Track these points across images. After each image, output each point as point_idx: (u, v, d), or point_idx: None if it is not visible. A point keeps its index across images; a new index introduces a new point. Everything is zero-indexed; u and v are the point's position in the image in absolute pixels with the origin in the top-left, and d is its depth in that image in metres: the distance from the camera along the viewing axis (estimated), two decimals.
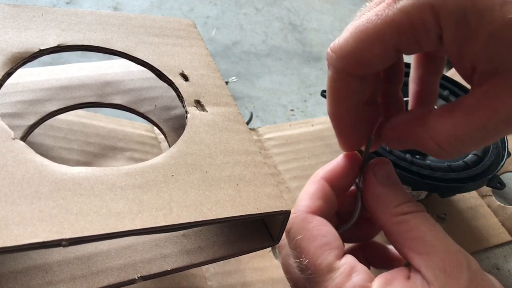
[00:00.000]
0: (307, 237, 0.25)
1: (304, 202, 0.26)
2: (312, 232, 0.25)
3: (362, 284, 0.23)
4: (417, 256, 0.23)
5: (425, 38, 0.21)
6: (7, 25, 0.29)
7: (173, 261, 0.25)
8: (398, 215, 0.25)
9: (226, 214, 0.23)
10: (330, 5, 0.82)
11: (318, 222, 0.26)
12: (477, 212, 0.49)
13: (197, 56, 0.34)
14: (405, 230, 0.24)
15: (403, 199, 0.25)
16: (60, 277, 0.23)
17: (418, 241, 0.24)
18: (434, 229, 0.24)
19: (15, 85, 0.34)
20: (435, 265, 0.22)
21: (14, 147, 0.22)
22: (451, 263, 0.22)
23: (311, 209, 0.26)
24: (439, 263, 0.22)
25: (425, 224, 0.24)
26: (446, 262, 0.22)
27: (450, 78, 0.51)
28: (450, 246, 0.23)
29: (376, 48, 0.21)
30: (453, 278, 0.22)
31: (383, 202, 0.26)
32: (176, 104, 0.36)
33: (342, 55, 0.22)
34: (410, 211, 0.25)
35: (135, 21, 0.34)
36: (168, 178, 0.23)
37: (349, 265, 0.24)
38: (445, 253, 0.23)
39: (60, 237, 0.18)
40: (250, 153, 0.27)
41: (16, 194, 0.19)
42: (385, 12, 0.20)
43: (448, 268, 0.22)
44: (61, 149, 0.41)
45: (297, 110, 0.60)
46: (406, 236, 0.24)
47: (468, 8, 0.19)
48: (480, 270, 0.23)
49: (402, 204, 0.25)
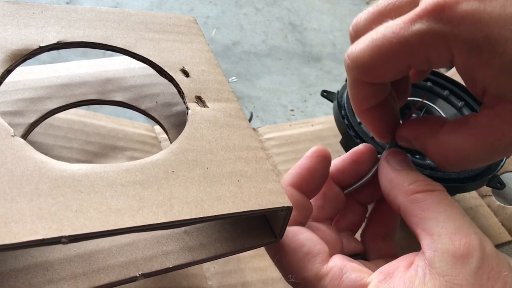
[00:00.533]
0: (286, 252, 0.25)
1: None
2: (290, 245, 0.25)
3: (354, 284, 0.22)
4: (427, 237, 0.22)
5: (437, 60, 0.22)
6: (6, 22, 0.29)
7: (174, 258, 0.25)
8: (412, 194, 0.24)
9: (227, 210, 0.22)
10: (330, 5, 0.82)
11: (293, 233, 0.25)
12: (477, 212, 0.49)
13: (198, 52, 0.34)
14: (420, 210, 0.23)
15: (417, 178, 0.25)
16: (61, 275, 0.23)
17: (431, 222, 0.22)
18: (450, 209, 0.23)
19: (15, 83, 0.34)
20: (444, 248, 0.21)
21: (13, 144, 0.21)
22: (461, 245, 0.21)
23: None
24: (448, 246, 0.21)
25: (441, 204, 0.23)
26: (456, 244, 0.21)
27: (450, 78, 0.51)
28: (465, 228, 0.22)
29: (390, 64, 0.23)
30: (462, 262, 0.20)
31: (397, 183, 0.25)
32: (177, 101, 0.36)
33: (358, 65, 0.24)
34: (425, 190, 0.24)
35: (135, 18, 0.34)
36: (168, 174, 0.23)
37: (338, 267, 0.23)
38: (456, 235, 0.21)
39: (60, 234, 0.18)
40: (251, 149, 0.27)
41: (16, 192, 0.19)
42: (401, 32, 0.21)
43: (458, 251, 0.21)
44: (61, 148, 0.41)
45: (297, 110, 0.60)
46: (420, 216, 0.23)
47: (480, 40, 0.20)
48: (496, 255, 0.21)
49: (416, 182, 0.24)
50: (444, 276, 0.20)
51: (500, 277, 0.20)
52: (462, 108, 0.48)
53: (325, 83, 0.65)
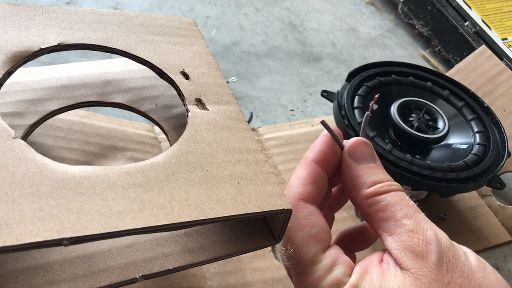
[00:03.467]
0: (296, 226, 0.25)
1: (296, 188, 0.26)
2: (301, 221, 0.25)
3: (341, 277, 0.23)
4: (389, 237, 0.24)
5: None
6: (7, 24, 0.29)
7: (174, 260, 0.25)
8: (371, 197, 0.25)
9: (227, 213, 0.22)
10: (330, 5, 0.82)
11: (309, 212, 0.26)
12: (477, 212, 0.49)
13: (198, 54, 0.34)
14: (378, 211, 0.24)
15: (378, 179, 0.25)
16: (62, 277, 0.23)
17: (389, 222, 0.24)
18: (406, 207, 0.24)
19: (15, 84, 0.34)
20: (404, 245, 0.23)
21: (14, 146, 0.21)
22: (419, 242, 0.22)
23: (303, 196, 0.26)
24: (408, 243, 0.23)
25: (398, 203, 0.24)
26: (414, 241, 0.23)
27: (450, 78, 0.51)
28: (421, 224, 0.23)
29: None
30: (422, 257, 0.22)
31: (357, 184, 0.26)
32: (177, 103, 0.36)
33: None
34: (384, 191, 0.25)
35: (136, 20, 0.34)
36: (169, 176, 0.23)
37: (332, 258, 0.24)
38: (414, 232, 0.23)
39: (61, 236, 0.18)
40: (251, 152, 0.27)
41: (17, 193, 0.19)
42: None
43: (416, 247, 0.22)
44: (61, 149, 0.41)
45: (297, 110, 0.60)
46: (378, 217, 0.24)
47: None
48: (451, 246, 0.23)
49: (376, 185, 0.25)
50: (409, 269, 0.22)
51: (458, 266, 0.22)
52: (462, 108, 0.48)
53: (325, 83, 0.65)
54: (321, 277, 0.24)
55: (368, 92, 0.46)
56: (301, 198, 0.26)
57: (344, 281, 0.23)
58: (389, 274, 0.23)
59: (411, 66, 0.51)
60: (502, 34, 0.69)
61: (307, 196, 0.26)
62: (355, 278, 0.23)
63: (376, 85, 0.47)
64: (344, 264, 0.24)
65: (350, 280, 0.23)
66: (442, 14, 0.72)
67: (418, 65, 0.51)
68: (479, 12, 0.71)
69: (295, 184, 0.27)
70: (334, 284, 0.23)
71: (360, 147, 0.27)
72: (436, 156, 0.44)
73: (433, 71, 0.51)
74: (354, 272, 0.24)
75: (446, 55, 0.73)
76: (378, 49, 0.75)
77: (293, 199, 0.26)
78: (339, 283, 0.23)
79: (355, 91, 0.46)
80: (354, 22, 0.79)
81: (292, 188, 0.26)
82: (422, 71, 0.51)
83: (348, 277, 0.24)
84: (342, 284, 0.23)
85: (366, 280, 0.23)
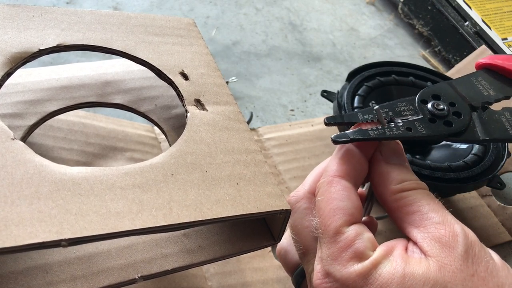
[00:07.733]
0: (327, 198, 0.25)
1: (332, 166, 0.27)
2: (332, 194, 0.25)
3: (362, 251, 0.24)
4: (414, 229, 0.24)
5: None
6: (6, 25, 0.29)
7: (173, 260, 0.25)
8: (398, 192, 0.25)
9: (226, 214, 0.22)
10: (330, 5, 0.81)
11: (341, 187, 0.26)
12: (477, 212, 0.49)
13: (197, 55, 0.34)
14: (404, 205, 0.25)
15: (406, 177, 0.26)
16: (61, 277, 0.23)
17: (416, 215, 0.24)
18: (432, 203, 0.25)
19: (15, 85, 0.34)
20: (431, 236, 0.23)
21: (13, 147, 0.22)
22: (447, 234, 0.23)
23: (338, 173, 0.26)
24: (435, 234, 0.23)
25: (424, 198, 0.25)
26: (442, 233, 0.23)
27: (450, 78, 0.51)
28: (447, 218, 0.24)
29: None
30: (449, 247, 0.22)
31: (386, 180, 0.26)
32: (177, 103, 0.36)
33: None
34: (411, 188, 0.25)
35: (135, 20, 0.34)
36: (168, 177, 0.23)
37: (355, 231, 0.24)
38: (441, 224, 0.23)
39: (59, 237, 0.18)
40: (250, 152, 0.27)
41: (16, 195, 0.19)
42: None
43: (444, 238, 0.23)
44: (61, 150, 0.41)
45: (297, 110, 0.60)
46: (405, 211, 0.25)
47: None
48: (478, 242, 0.23)
49: (404, 182, 0.26)
50: (435, 257, 0.22)
51: (483, 261, 0.23)
52: None
53: (325, 83, 0.65)
54: (343, 248, 0.24)
55: (368, 92, 0.46)
56: (336, 174, 0.26)
57: (366, 255, 0.24)
58: (413, 260, 0.23)
59: (411, 66, 0.51)
60: (502, 34, 0.69)
61: (343, 173, 0.26)
62: (378, 255, 0.23)
63: (376, 85, 0.47)
64: (367, 239, 0.24)
65: (374, 256, 0.23)
66: (442, 14, 0.72)
67: (418, 65, 0.51)
68: (479, 12, 0.71)
69: (331, 164, 0.27)
70: (355, 256, 0.23)
71: (391, 145, 0.28)
72: (436, 156, 0.44)
73: (433, 71, 0.51)
74: (377, 250, 0.24)
75: (446, 55, 0.73)
76: (378, 49, 0.74)
77: (328, 176, 0.26)
78: (361, 257, 0.23)
79: (355, 91, 0.46)
80: (354, 22, 0.79)
81: (329, 168, 0.27)
82: (422, 71, 0.51)
83: (371, 252, 0.24)
84: (364, 258, 0.23)
85: (390, 260, 0.23)
